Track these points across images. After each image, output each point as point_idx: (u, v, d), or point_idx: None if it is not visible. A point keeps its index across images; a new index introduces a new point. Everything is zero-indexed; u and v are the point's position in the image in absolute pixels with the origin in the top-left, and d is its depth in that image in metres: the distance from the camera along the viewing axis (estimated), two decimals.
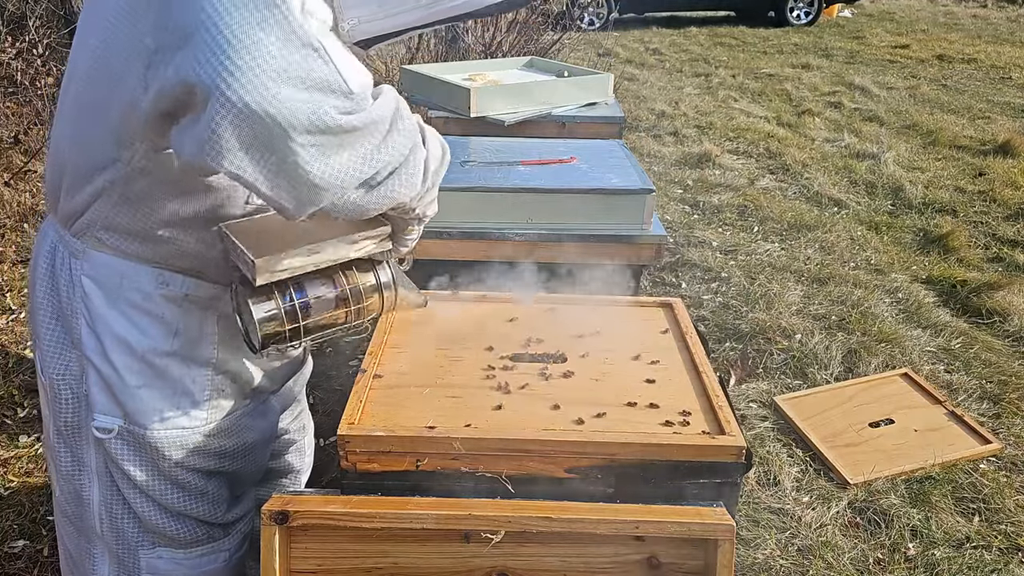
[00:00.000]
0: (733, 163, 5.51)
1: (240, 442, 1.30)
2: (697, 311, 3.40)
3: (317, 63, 0.90)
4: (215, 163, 0.91)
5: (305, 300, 1.11)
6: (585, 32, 9.34)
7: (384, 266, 1.19)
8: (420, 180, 1.06)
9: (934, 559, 2.11)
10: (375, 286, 1.17)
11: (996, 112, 6.99)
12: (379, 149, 0.99)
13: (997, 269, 3.90)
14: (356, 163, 0.96)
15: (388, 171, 1.01)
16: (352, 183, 0.97)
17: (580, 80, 2.91)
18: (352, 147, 0.95)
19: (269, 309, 1.09)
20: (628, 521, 1.03)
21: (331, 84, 0.91)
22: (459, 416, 1.17)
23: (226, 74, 0.85)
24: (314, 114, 0.90)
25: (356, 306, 1.15)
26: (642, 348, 1.38)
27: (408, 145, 1.03)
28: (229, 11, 0.86)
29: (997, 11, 14.40)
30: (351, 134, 0.94)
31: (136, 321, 1.14)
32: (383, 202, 1.03)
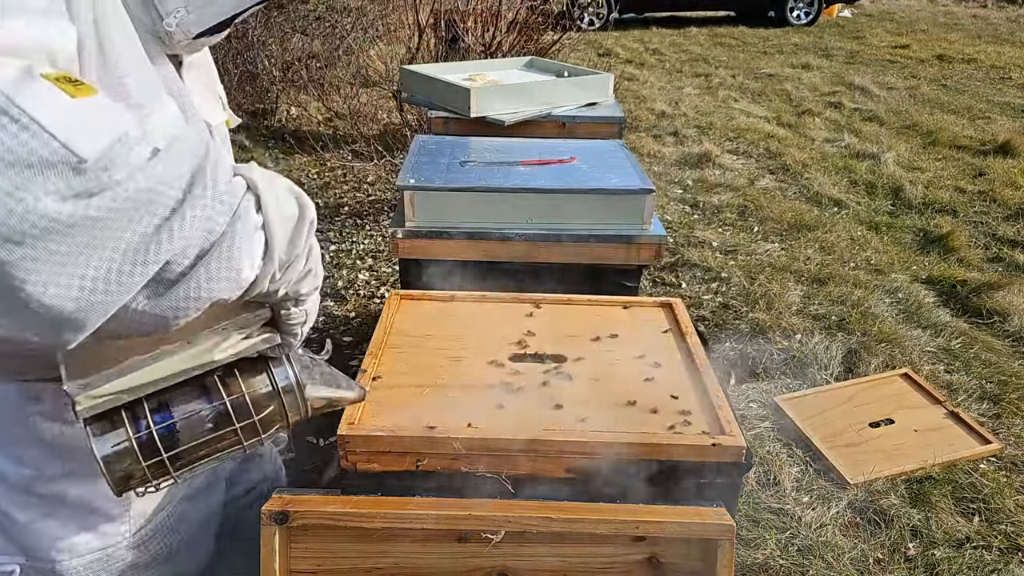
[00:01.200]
0: (733, 163, 5.51)
1: (177, 538, 1.10)
2: (697, 311, 3.40)
3: (10, 129, 0.61)
4: None
5: (169, 423, 0.83)
6: (585, 32, 9.34)
7: (282, 363, 0.90)
8: (253, 262, 0.77)
9: (934, 559, 2.11)
10: (271, 392, 0.88)
11: (996, 112, 6.99)
12: (161, 233, 0.69)
13: (997, 269, 3.90)
14: (121, 262, 0.68)
15: (188, 260, 0.72)
16: (122, 291, 0.69)
17: (580, 80, 2.91)
18: (106, 241, 0.66)
19: (117, 442, 0.81)
20: (628, 521, 1.03)
21: (40, 157, 0.62)
22: (459, 416, 1.17)
23: None
24: (10, 208, 0.61)
25: (244, 422, 0.86)
26: (642, 348, 1.38)
27: (222, 216, 0.74)
28: None
29: (997, 11, 14.40)
30: (93, 222, 0.65)
31: (9, 450, 0.94)
32: (189, 304, 0.74)
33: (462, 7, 5.54)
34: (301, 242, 0.82)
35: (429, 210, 1.86)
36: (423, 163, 2.05)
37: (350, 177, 5.03)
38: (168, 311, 0.73)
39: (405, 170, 1.97)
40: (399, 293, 1.57)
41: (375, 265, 3.82)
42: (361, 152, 5.05)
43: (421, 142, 2.28)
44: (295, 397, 0.90)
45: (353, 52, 6.57)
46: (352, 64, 6.41)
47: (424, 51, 5.27)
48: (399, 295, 1.56)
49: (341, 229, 4.24)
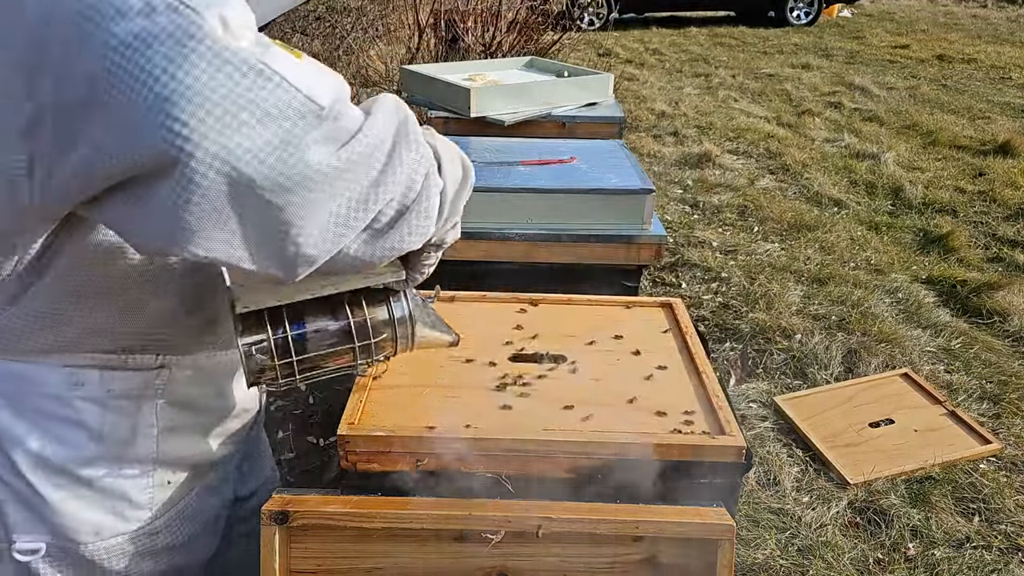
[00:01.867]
0: (733, 163, 5.51)
1: (198, 525, 1.14)
2: (697, 311, 3.40)
3: (268, 88, 0.70)
4: (180, 250, 0.74)
5: (302, 333, 0.96)
6: (585, 32, 9.34)
7: (400, 298, 1.01)
8: (435, 217, 0.87)
9: (934, 559, 2.11)
10: (388, 321, 1.00)
11: (996, 112, 6.99)
12: (379, 185, 0.79)
13: (997, 269, 3.90)
14: (350, 209, 0.78)
15: (394, 212, 0.82)
16: (351, 234, 0.79)
17: (580, 80, 2.91)
18: (342, 189, 0.76)
19: (258, 341, 0.94)
20: (628, 521, 1.03)
21: (297, 110, 0.72)
22: (459, 416, 1.17)
23: (171, 136, 0.67)
24: (287, 157, 0.71)
25: (363, 343, 0.99)
26: (642, 348, 1.38)
27: (419, 175, 0.83)
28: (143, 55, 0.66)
29: (997, 11, 14.40)
30: (339, 172, 0.75)
31: (49, 430, 0.97)
32: (392, 253, 0.85)
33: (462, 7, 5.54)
34: (462, 202, 0.95)
35: None
36: None
37: None
38: (374, 256, 0.83)
39: None
40: None
41: None
42: None
43: None
44: (407, 329, 1.02)
45: (353, 52, 6.57)
46: (352, 64, 6.41)
47: (424, 51, 5.28)
48: None
49: None
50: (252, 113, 0.70)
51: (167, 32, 0.67)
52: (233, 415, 1.16)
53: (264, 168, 0.71)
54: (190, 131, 0.68)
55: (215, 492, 1.17)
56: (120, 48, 0.67)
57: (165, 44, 0.67)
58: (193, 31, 0.68)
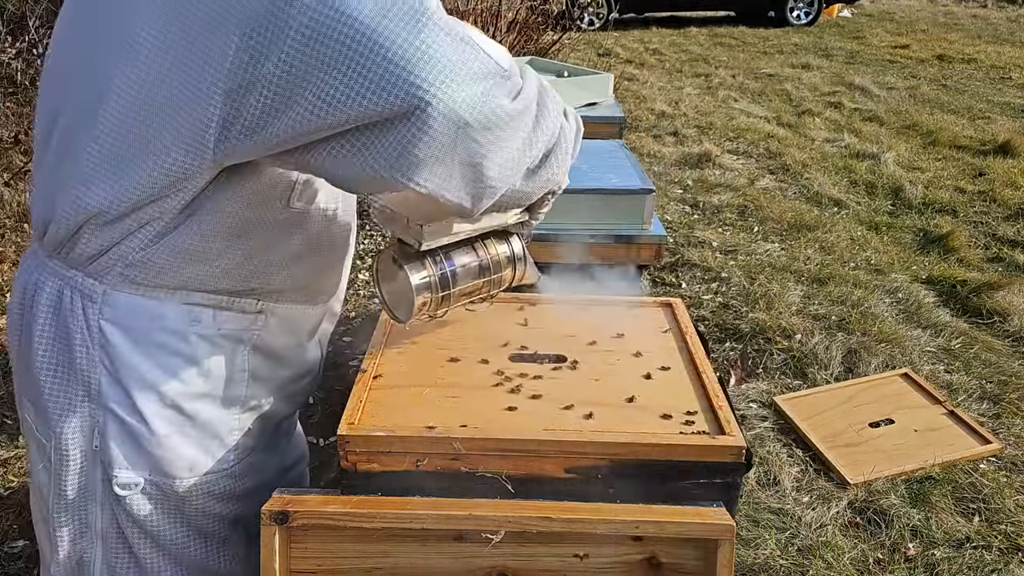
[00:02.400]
0: (733, 163, 5.51)
1: (260, 480, 1.21)
2: (697, 311, 3.40)
3: (473, 54, 0.88)
4: (404, 180, 0.88)
5: (453, 268, 1.14)
6: (585, 32, 9.34)
7: (515, 238, 1.22)
8: (571, 155, 1.06)
9: (934, 559, 2.11)
10: (510, 257, 1.21)
11: (996, 112, 6.99)
12: (536, 130, 0.97)
13: (997, 269, 3.90)
14: (522, 150, 0.95)
15: (543, 153, 1.00)
16: (520, 171, 0.97)
17: (580, 80, 2.91)
18: (517, 133, 0.94)
19: (424, 276, 1.12)
20: (628, 521, 1.03)
21: (491, 71, 0.89)
22: (459, 416, 1.17)
23: (414, 90, 0.83)
24: (489, 107, 0.88)
25: (495, 275, 1.19)
26: (642, 348, 1.38)
27: (558, 121, 1.01)
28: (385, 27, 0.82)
29: (997, 11, 14.40)
30: (516, 119, 0.92)
31: (166, 364, 1.05)
32: (542, 187, 1.04)
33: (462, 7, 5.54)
34: (577, 147, 1.11)
35: None
36: None
37: None
38: (532, 190, 1.02)
39: None
40: None
41: None
42: None
43: None
44: (521, 264, 1.22)
45: None
46: None
47: None
48: None
49: None
50: (467, 73, 0.86)
51: (405, 11, 0.84)
52: (304, 372, 1.27)
53: (476, 114, 0.87)
54: (429, 85, 0.83)
55: (275, 452, 1.27)
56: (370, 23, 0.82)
57: (404, 20, 0.83)
58: (422, 9, 0.85)
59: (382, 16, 0.83)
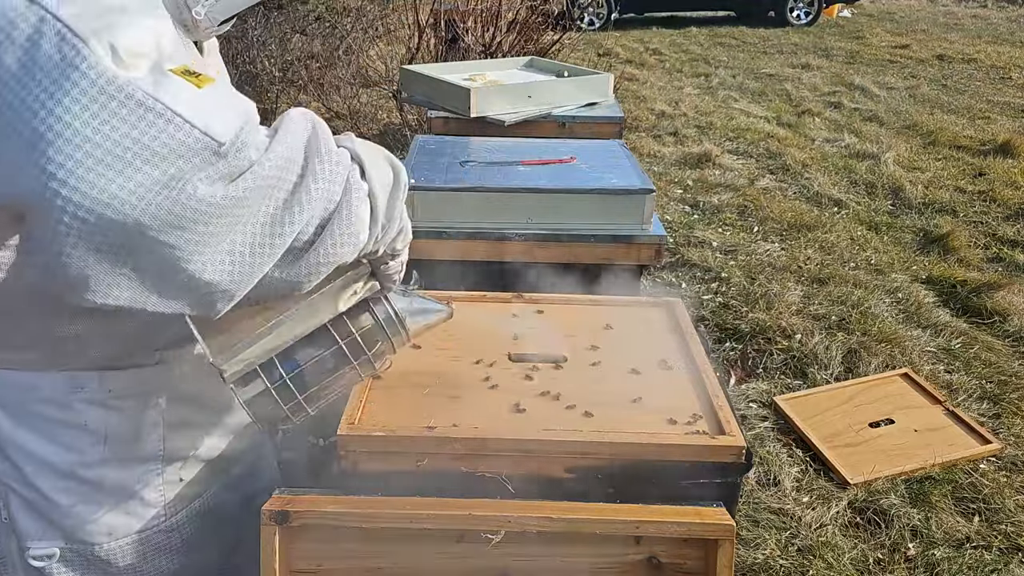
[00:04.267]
0: (733, 163, 5.51)
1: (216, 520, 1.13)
2: (697, 311, 3.40)
3: (158, 124, 0.67)
4: (81, 299, 0.72)
5: (298, 370, 0.95)
6: (585, 32, 9.34)
7: (381, 302, 1.02)
8: (366, 226, 0.85)
9: (934, 559, 2.11)
10: (376, 328, 1.01)
11: (996, 112, 6.99)
12: (291, 206, 0.76)
13: (997, 269, 3.90)
14: (260, 236, 0.75)
15: (314, 228, 0.80)
16: (263, 261, 0.77)
17: (580, 80, 2.91)
18: (246, 218, 0.74)
19: (258, 391, 0.93)
20: (628, 521, 1.03)
21: (187, 146, 0.69)
22: (459, 416, 1.17)
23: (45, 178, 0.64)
24: (174, 199, 0.68)
25: (359, 359, 1.00)
26: (642, 348, 1.38)
27: (337, 187, 0.80)
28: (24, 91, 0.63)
29: (997, 11, 14.40)
30: (237, 205, 0.72)
31: (52, 435, 0.95)
32: (320, 269, 0.83)
33: (462, 7, 5.54)
34: (398, 204, 0.90)
35: (429, 210, 1.86)
36: (423, 163, 2.04)
37: None
38: (302, 276, 0.82)
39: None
40: None
41: None
42: None
43: (421, 142, 2.28)
44: (397, 327, 1.03)
45: (353, 52, 6.57)
46: (352, 64, 6.41)
47: (424, 51, 5.27)
48: None
49: None
50: (136, 153, 0.66)
51: (52, 63, 0.64)
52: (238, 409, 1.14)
53: (151, 208, 0.67)
54: (66, 173, 0.64)
55: (235, 488, 1.17)
56: (4, 78, 0.64)
57: (49, 76, 0.63)
58: (78, 62, 0.64)
59: (24, 72, 0.64)
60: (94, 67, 0.64)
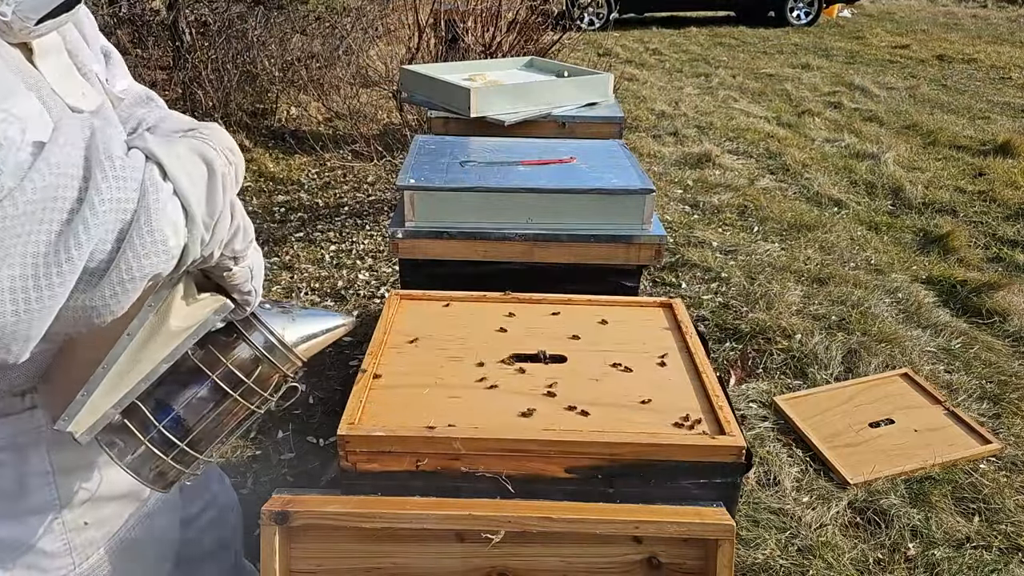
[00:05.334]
0: (733, 163, 5.51)
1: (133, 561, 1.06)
2: (697, 311, 3.40)
3: None
4: None
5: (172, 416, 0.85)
6: (585, 32, 9.34)
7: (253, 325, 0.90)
8: (177, 228, 0.75)
9: (934, 559, 2.11)
10: (253, 356, 0.89)
11: (996, 112, 6.99)
12: (74, 225, 0.67)
13: (997, 269, 3.90)
14: (43, 266, 0.66)
15: (110, 245, 0.70)
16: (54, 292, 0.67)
17: (580, 80, 2.91)
18: (19, 249, 0.64)
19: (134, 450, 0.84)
20: (628, 521, 1.03)
21: None
22: (459, 416, 1.17)
23: None
24: None
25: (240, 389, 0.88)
26: (642, 348, 1.38)
27: (129, 192, 0.71)
28: None
29: (997, 11, 14.40)
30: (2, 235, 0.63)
31: None
32: (126, 287, 0.72)
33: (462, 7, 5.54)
34: (219, 199, 0.79)
35: (429, 210, 1.86)
36: (423, 163, 2.05)
37: (350, 177, 5.03)
38: (108, 298, 0.72)
39: (405, 170, 1.97)
40: (399, 293, 1.57)
41: (375, 265, 3.82)
42: (361, 152, 5.05)
43: (421, 142, 2.28)
44: (278, 350, 0.90)
45: (353, 52, 6.57)
46: (352, 64, 6.41)
47: (424, 51, 5.27)
48: (399, 295, 1.56)
49: (341, 229, 4.24)
50: None
51: None
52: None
53: None
54: None
55: (157, 515, 1.11)
56: None
57: None
58: None
59: None
60: None
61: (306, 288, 3.57)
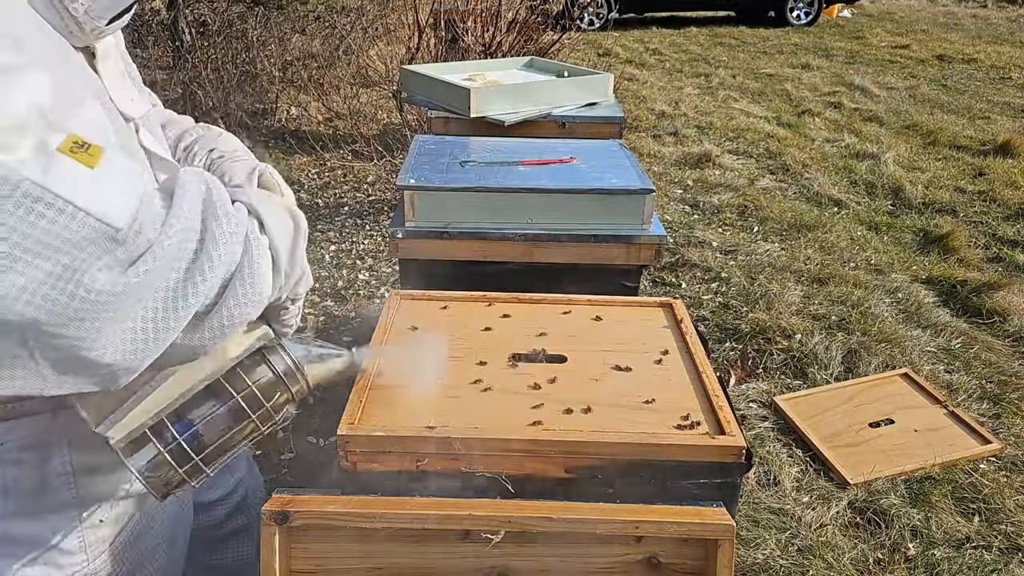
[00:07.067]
0: (733, 163, 5.51)
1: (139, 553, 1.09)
2: (697, 311, 3.40)
3: (48, 216, 0.63)
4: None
5: (192, 431, 0.90)
6: (585, 32, 9.34)
7: (277, 351, 0.96)
8: (268, 281, 0.82)
9: (934, 559, 2.11)
10: (273, 380, 0.95)
11: (996, 112, 6.99)
12: (193, 275, 0.74)
13: (997, 269, 3.90)
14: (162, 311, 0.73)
15: (215, 292, 0.77)
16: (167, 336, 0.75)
17: (580, 80, 2.91)
18: (148, 296, 0.71)
19: (150, 458, 0.89)
20: (628, 521, 1.03)
21: (82, 236, 0.65)
22: (459, 416, 1.17)
23: None
24: (69, 291, 0.65)
25: (258, 411, 0.94)
26: (642, 348, 1.38)
27: (237, 247, 0.78)
28: None
29: (997, 11, 14.40)
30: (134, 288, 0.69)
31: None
32: (224, 331, 0.80)
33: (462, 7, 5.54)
34: (300, 252, 0.88)
35: (429, 210, 1.86)
36: (423, 163, 2.04)
37: (350, 177, 5.03)
38: (206, 340, 0.80)
39: (405, 170, 1.97)
40: (399, 293, 1.57)
41: (375, 265, 3.82)
42: (361, 152, 5.05)
43: (421, 142, 2.28)
44: (296, 377, 0.98)
45: (353, 52, 6.57)
46: (352, 64, 6.41)
47: (424, 51, 5.27)
48: (399, 295, 1.56)
49: (341, 229, 4.24)
50: (27, 248, 0.63)
51: None
52: None
53: (47, 304, 0.65)
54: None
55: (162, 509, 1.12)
56: None
57: None
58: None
59: None
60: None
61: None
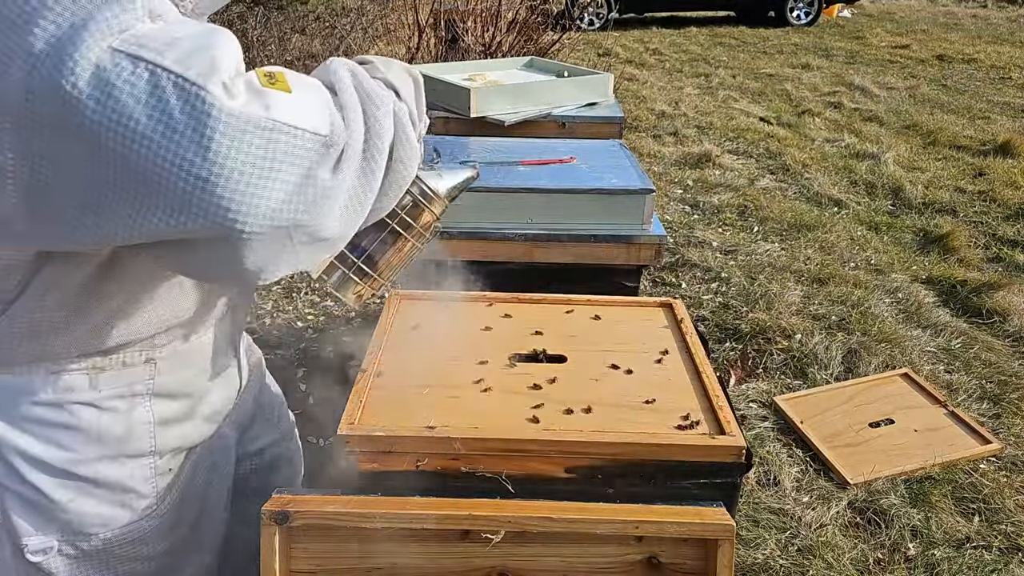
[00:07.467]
0: (733, 163, 5.51)
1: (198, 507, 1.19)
2: (697, 311, 3.40)
3: (282, 139, 0.77)
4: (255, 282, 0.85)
5: (365, 253, 1.11)
6: (585, 32, 9.34)
7: (416, 182, 1.14)
8: (415, 138, 0.97)
9: (934, 559, 2.11)
10: (416, 204, 1.14)
11: (996, 112, 6.99)
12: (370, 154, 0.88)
13: (997, 269, 3.90)
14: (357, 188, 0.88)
15: (386, 162, 0.92)
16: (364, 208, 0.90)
17: (580, 80, 2.91)
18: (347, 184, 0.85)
19: (337, 277, 1.11)
20: (628, 521, 1.03)
21: (307, 150, 0.80)
22: (459, 416, 1.17)
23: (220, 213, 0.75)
24: (308, 196, 0.80)
25: (411, 232, 1.14)
26: (642, 348, 1.38)
27: (389, 120, 0.92)
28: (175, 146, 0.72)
29: (997, 11, 14.41)
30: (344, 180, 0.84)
31: (48, 436, 1.00)
32: (400, 188, 0.96)
33: (462, 7, 5.54)
34: (423, 103, 1.03)
35: None
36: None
37: None
38: (391, 199, 0.96)
39: None
40: (399, 293, 1.57)
41: None
42: None
43: None
44: (433, 198, 1.15)
45: (353, 52, 6.57)
46: None
47: (424, 51, 5.27)
48: (399, 295, 1.56)
49: None
50: (274, 165, 0.77)
51: (187, 118, 0.72)
52: (217, 391, 1.19)
53: (300, 205, 0.80)
54: (236, 205, 0.75)
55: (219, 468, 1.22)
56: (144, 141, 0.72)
57: (188, 129, 0.72)
58: (208, 110, 0.72)
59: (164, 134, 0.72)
60: (222, 109, 0.73)
61: (306, 288, 3.58)
